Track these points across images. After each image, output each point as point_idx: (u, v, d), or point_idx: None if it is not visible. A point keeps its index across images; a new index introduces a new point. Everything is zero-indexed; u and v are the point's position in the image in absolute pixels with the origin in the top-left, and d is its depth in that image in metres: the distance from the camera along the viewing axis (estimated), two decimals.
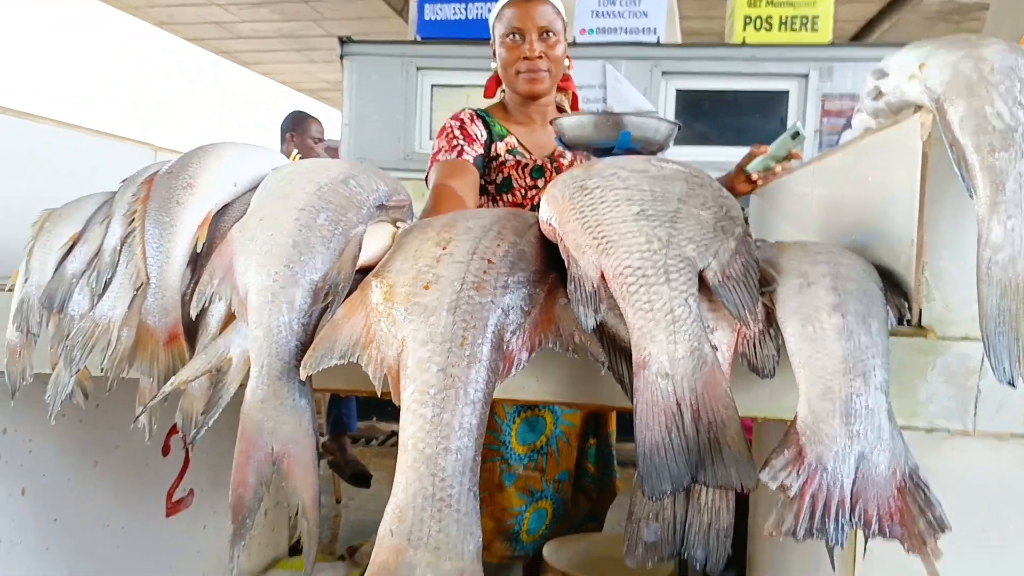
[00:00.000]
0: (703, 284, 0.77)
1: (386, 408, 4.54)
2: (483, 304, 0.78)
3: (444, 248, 0.84)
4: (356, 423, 3.36)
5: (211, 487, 1.66)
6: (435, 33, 4.21)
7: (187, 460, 1.55)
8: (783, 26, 3.96)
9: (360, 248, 0.86)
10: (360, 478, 3.17)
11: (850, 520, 0.63)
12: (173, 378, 0.82)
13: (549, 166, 1.92)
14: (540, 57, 1.85)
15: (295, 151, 3.79)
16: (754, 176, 1.87)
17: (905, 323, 0.79)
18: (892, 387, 0.77)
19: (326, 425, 3.28)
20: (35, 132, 1.17)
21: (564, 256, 0.82)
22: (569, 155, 1.95)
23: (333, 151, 5.08)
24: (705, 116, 4.12)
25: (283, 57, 9.76)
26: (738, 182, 1.89)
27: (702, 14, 7.20)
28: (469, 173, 1.82)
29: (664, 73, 4.10)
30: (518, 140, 1.95)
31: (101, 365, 0.85)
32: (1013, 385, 0.65)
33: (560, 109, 2.05)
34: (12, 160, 1.13)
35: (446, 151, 1.88)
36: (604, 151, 1.70)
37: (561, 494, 2.00)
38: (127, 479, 1.38)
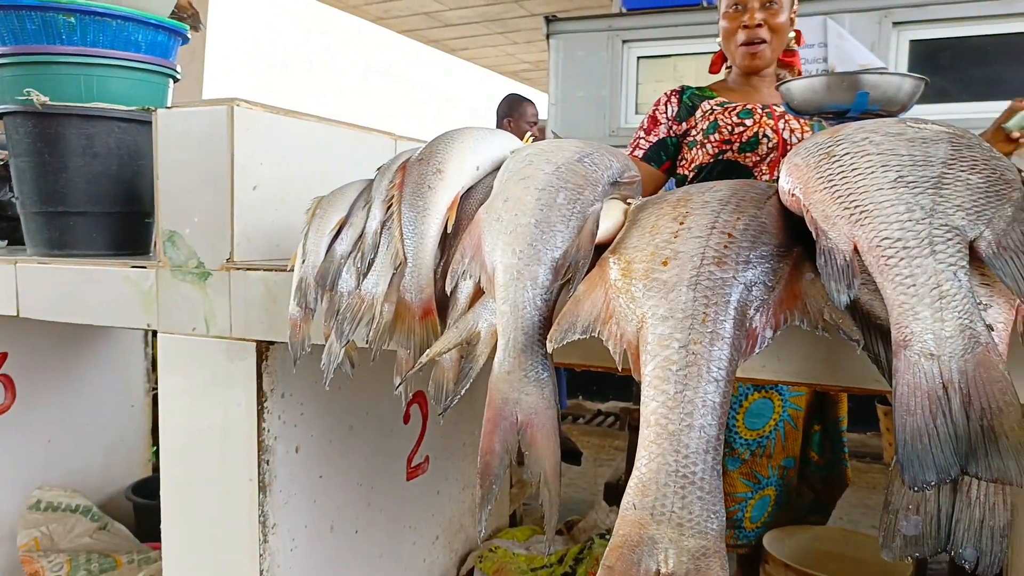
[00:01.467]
0: (975, 256, 0.70)
1: (591, 387, 4.61)
2: (725, 280, 0.77)
3: (681, 223, 0.84)
4: (566, 401, 3.44)
5: (444, 455, 1.79)
6: (642, 3, 4.14)
7: (424, 428, 1.69)
8: None
9: (597, 225, 0.88)
10: (571, 455, 3.24)
11: None
12: (428, 350, 0.89)
13: (760, 110, 1.88)
14: (760, 26, 1.83)
15: (528, 134, 3.92)
16: (1015, 134, 1.66)
17: None
18: None
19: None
20: (301, 128, 1.31)
21: (811, 228, 0.79)
22: (784, 106, 1.86)
23: (540, 132, 5.20)
24: (946, 69, 3.69)
25: (487, 41, 10.10)
26: (996, 142, 1.69)
27: None
28: (638, 171, 1.92)
29: (895, 24, 3.73)
30: (727, 99, 1.94)
31: (367, 338, 0.94)
32: None
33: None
34: (283, 155, 1.28)
35: (630, 146, 1.99)
36: (839, 116, 1.59)
37: (785, 481, 1.92)
38: (376, 443, 1.52)
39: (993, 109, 3.42)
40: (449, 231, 0.95)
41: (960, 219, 0.71)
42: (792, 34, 1.95)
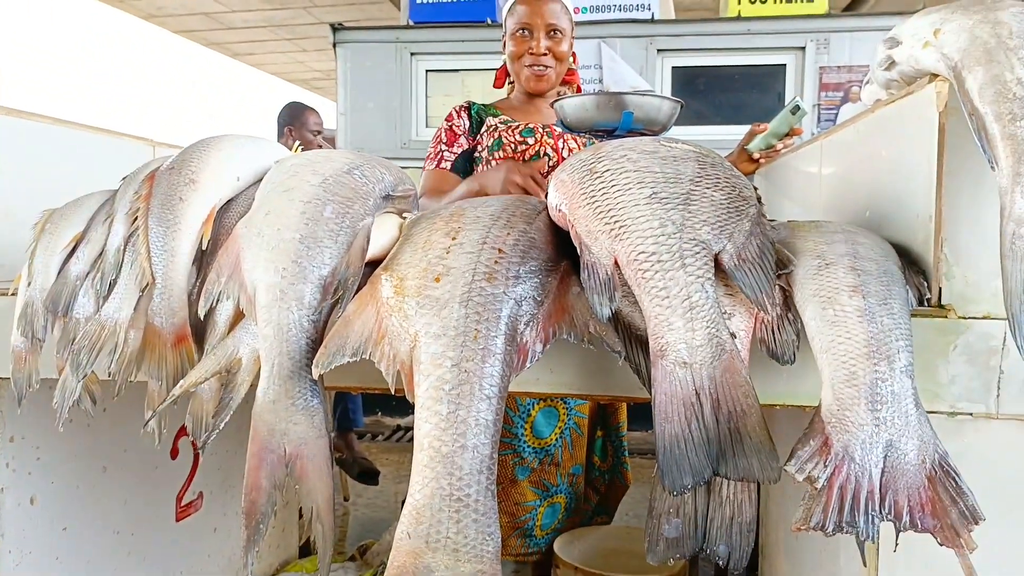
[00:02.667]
0: (718, 268, 0.75)
1: (390, 403, 4.53)
2: (495, 295, 0.76)
3: (454, 238, 0.82)
4: (362, 419, 3.34)
5: (221, 489, 1.65)
6: (428, 17, 4.16)
7: (196, 463, 1.54)
8: None
9: (368, 241, 0.84)
10: (368, 475, 3.14)
11: (880, 512, 0.61)
12: (182, 381, 0.80)
13: (541, 129, 1.98)
14: (545, 54, 1.93)
15: (296, 143, 3.75)
16: (756, 155, 1.85)
17: (925, 302, 0.78)
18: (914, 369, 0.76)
19: (332, 422, 3.26)
20: (32, 131, 1.15)
21: (576, 243, 0.81)
22: (562, 127, 1.96)
23: (330, 142, 5.04)
24: (701, 94, 4.07)
25: (274, 47, 9.68)
26: (740, 162, 1.87)
27: None
28: (450, 182, 1.94)
29: (659, 51, 4.05)
30: (510, 117, 2.01)
31: (108, 369, 0.83)
32: None
33: None
34: (10, 160, 1.11)
35: (431, 159, 2.01)
36: (607, 133, 1.67)
37: (575, 488, 1.99)
38: (137, 484, 1.37)
39: (740, 132, 3.87)
40: (205, 248, 0.86)
41: (706, 233, 0.76)
42: (571, 58, 2.07)
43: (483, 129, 2.01)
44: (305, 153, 0.93)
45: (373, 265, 0.85)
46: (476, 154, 2.02)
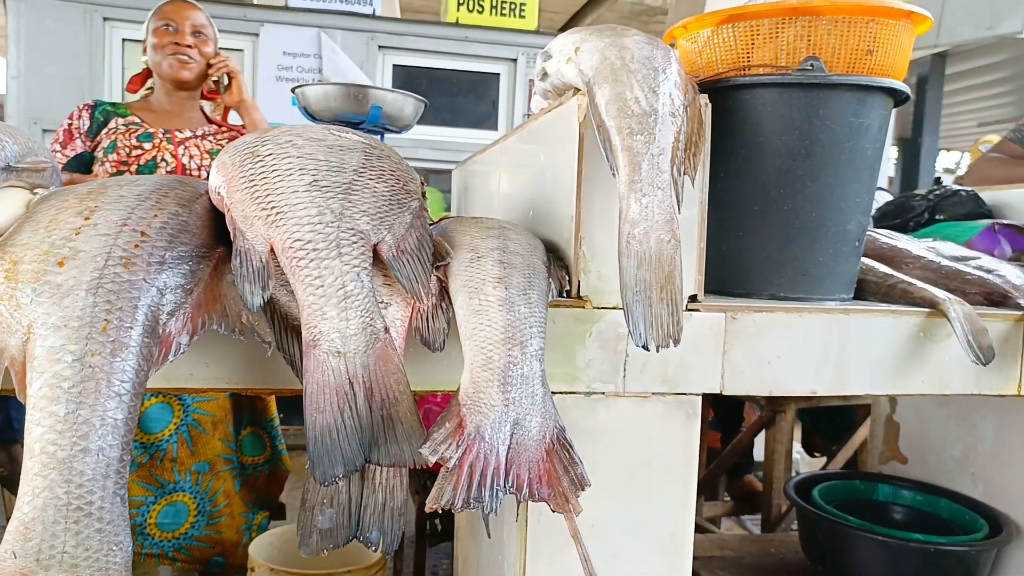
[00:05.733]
0: (377, 258, 0.76)
1: None
2: (133, 282, 0.69)
3: (87, 218, 0.74)
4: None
5: None
6: None
7: None
8: (493, 10, 4.14)
9: None
10: None
11: (504, 487, 0.66)
12: None
13: (161, 135, 2.01)
14: (191, 46, 2.01)
15: None
16: None
17: (566, 294, 0.85)
18: (555, 355, 0.83)
19: None
20: None
21: (231, 228, 0.76)
22: (187, 133, 2.04)
23: None
24: (422, 94, 4.16)
25: None
26: None
27: None
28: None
29: (381, 47, 4.07)
30: (140, 118, 2.03)
31: None
32: (647, 349, 0.72)
33: (204, 113, 2.16)
34: None
35: None
36: (352, 126, 1.64)
37: (204, 488, 1.95)
38: None
39: (456, 135, 4.03)
40: None
41: (365, 223, 0.76)
42: (227, 79, 2.12)
43: (104, 131, 1.99)
44: None
45: None
46: (95, 153, 2.01)
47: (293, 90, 1.83)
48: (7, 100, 3.83)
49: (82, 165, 1.99)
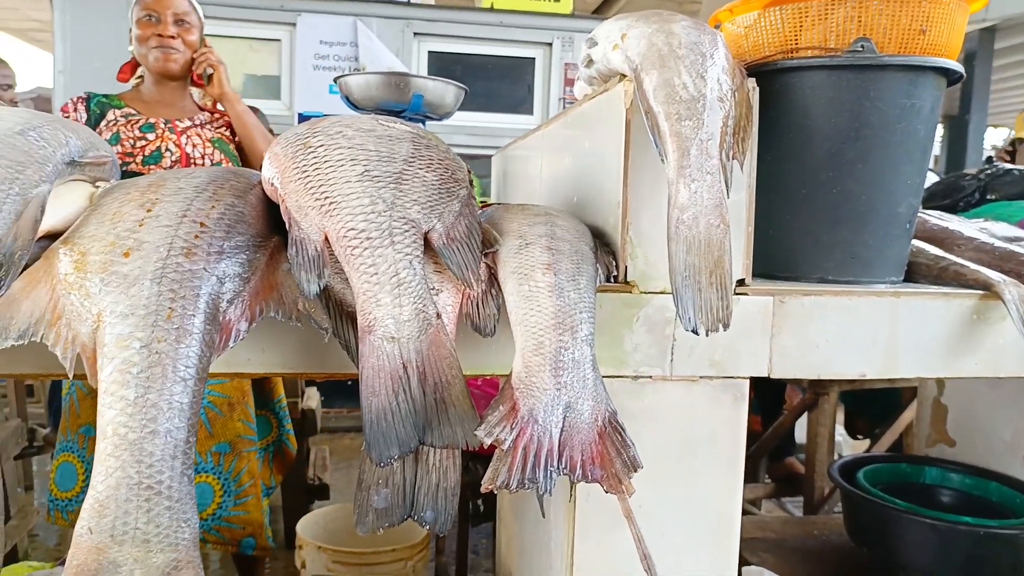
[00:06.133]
0: (428, 246, 0.77)
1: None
2: (194, 272, 0.72)
3: (149, 210, 0.76)
4: None
5: None
6: None
7: None
8: None
9: (43, 211, 0.75)
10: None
11: (558, 468, 0.67)
12: None
13: (163, 125, 2.03)
14: (174, 37, 2.01)
15: None
16: None
17: (613, 279, 0.86)
18: (603, 339, 0.84)
19: (48, 415, 2.91)
20: None
21: (285, 218, 0.78)
22: (187, 122, 2.06)
23: (45, 102, 4.44)
24: (457, 79, 4.16)
25: None
26: None
27: None
28: None
29: (416, 34, 4.08)
30: (135, 110, 2.05)
31: None
32: (696, 333, 0.72)
33: (194, 100, 2.18)
34: None
35: None
36: (393, 115, 1.66)
37: (226, 467, 2.00)
38: None
39: (491, 119, 4.03)
40: None
41: (416, 212, 0.77)
42: (210, 69, 2.11)
43: (103, 123, 2.00)
44: None
45: (54, 239, 0.76)
46: None
47: (336, 80, 1.85)
48: (54, 94, 3.93)
49: None
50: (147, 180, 0.82)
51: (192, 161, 2.03)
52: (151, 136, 2.00)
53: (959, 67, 0.92)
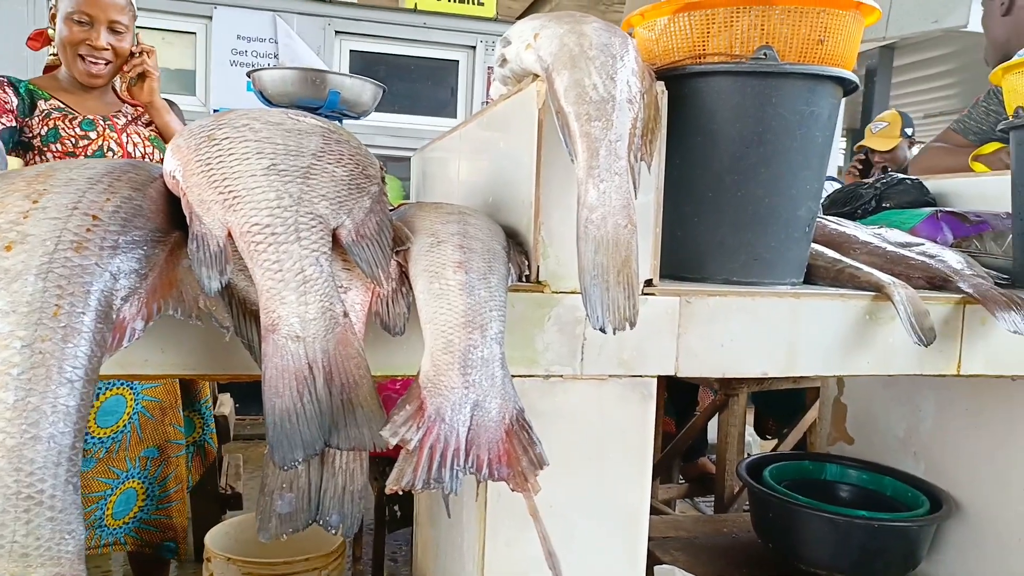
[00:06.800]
0: (336, 243, 0.75)
1: None
2: (85, 267, 0.68)
3: (35, 202, 0.72)
4: None
5: None
6: None
7: None
8: None
9: None
10: None
11: (464, 467, 0.67)
12: None
13: (102, 122, 1.94)
14: (106, 49, 1.90)
15: None
16: None
17: (526, 279, 0.86)
18: (514, 339, 0.84)
19: None
20: None
21: (187, 212, 0.75)
22: (124, 119, 1.98)
23: None
24: (381, 80, 4.12)
25: None
26: None
27: None
28: None
29: (338, 32, 4.01)
30: (64, 103, 1.94)
31: None
32: (604, 331, 0.73)
33: (115, 92, 2.07)
34: None
35: None
36: (310, 111, 1.62)
37: (152, 472, 1.97)
38: None
39: (414, 122, 4.00)
40: None
41: (324, 208, 0.76)
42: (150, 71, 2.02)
43: (35, 114, 1.89)
44: None
45: None
46: (26, 138, 1.90)
47: (249, 74, 1.80)
48: None
49: (12, 139, 1.88)
50: (35, 170, 0.77)
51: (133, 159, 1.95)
52: (92, 134, 1.91)
53: (854, 77, 0.96)
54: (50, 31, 1.98)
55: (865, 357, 0.96)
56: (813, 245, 1.06)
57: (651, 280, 0.90)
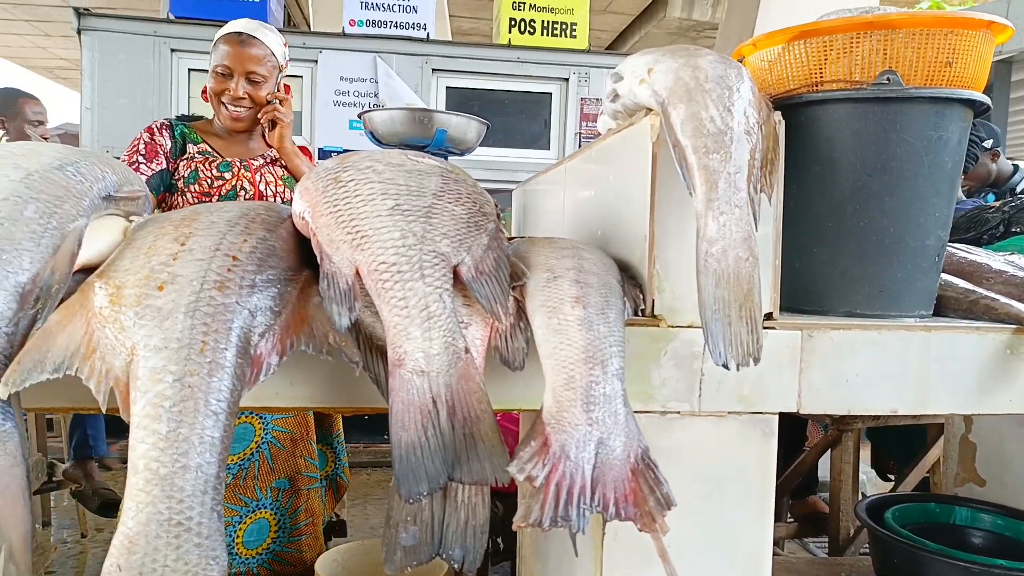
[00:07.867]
0: (457, 279, 0.77)
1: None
2: (227, 305, 0.72)
3: (182, 244, 0.77)
4: (105, 446, 3.00)
5: None
6: (190, 12, 3.90)
7: None
8: (545, 31, 4.17)
9: (80, 245, 0.76)
10: (110, 507, 2.84)
11: (591, 505, 0.66)
12: None
13: (238, 164, 2.08)
14: (243, 98, 2.05)
15: (2, 136, 3.29)
16: None
17: (640, 313, 0.86)
18: (630, 374, 0.83)
19: (68, 450, 2.91)
20: None
21: (317, 252, 0.79)
22: (260, 160, 2.12)
23: (72, 138, 4.53)
24: (475, 115, 4.23)
25: (10, 27, 8.55)
26: None
27: (471, 14, 7.38)
28: None
29: (435, 70, 4.14)
30: (211, 147, 2.10)
31: None
32: (727, 367, 0.72)
33: (263, 138, 2.21)
34: None
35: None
36: (417, 150, 1.69)
37: (284, 504, 2.00)
38: None
39: (509, 155, 4.08)
40: None
41: (445, 246, 0.78)
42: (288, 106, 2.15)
43: (184, 157, 2.05)
44: (7, 144, 0.83)
45: (90, 273, 0.77)
46: (173, 179, 2.06)
47: (360, 115, 1.88)
48: (81, 130, 4.01)
49: (162, 184, 2.04)
50: (180, 214, 0.83)
51: (264, 198, 2.09)
52: (228, 175, 2.05)
53: (986, 99, 0.92)
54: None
55: (1007, 394, 0.90)
56: (942, 275, 1.01)
57: (771, 313, 0.87)
